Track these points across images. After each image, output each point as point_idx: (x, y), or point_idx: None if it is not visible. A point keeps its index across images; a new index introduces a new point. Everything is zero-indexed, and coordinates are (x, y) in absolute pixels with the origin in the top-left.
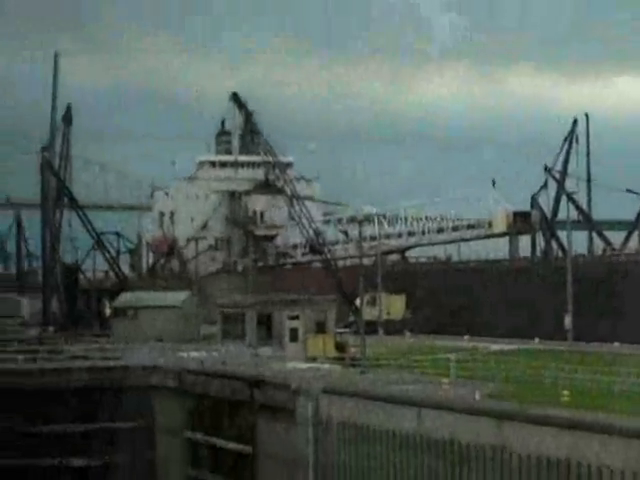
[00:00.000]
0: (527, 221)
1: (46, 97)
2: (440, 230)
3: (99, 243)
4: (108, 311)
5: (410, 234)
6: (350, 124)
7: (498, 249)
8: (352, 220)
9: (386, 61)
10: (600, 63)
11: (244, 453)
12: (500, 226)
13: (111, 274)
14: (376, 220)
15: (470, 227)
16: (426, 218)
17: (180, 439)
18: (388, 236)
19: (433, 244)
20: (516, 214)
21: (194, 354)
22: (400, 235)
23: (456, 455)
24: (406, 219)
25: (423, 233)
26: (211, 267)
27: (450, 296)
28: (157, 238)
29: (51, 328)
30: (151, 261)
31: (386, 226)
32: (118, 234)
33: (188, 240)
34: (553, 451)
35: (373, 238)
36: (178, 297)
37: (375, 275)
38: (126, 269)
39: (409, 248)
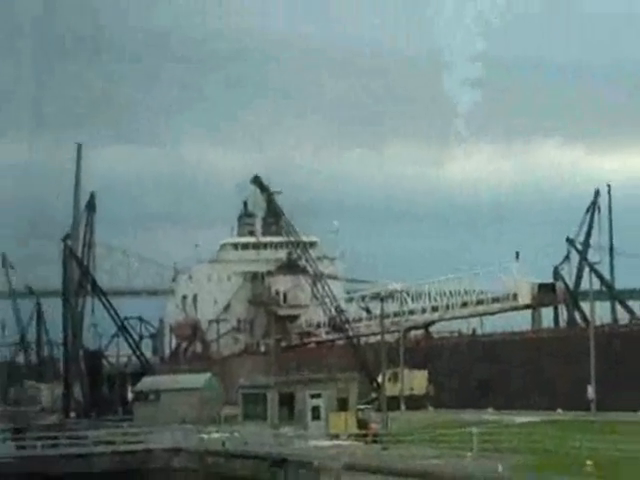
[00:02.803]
0: (552, 293)
1: (70, 186)
2: (464, 304)
3: (122, 329)
4: (130, 395)
5: (434, 309)
6: (376, 203)
7: (520, 322)
8: (376, 297)
9: (411, 141)
10: (627, 136)
11: None
12: (525, 298)
13: (134, 359)
14: (400, 296)
15: (495, 300)
16: (450, 292)
17: None
18: (412, 312)
19: (457, 318)
20: (541, 286)
21: (215, 435)
22: (424, 310)
23: None
24: (430, 294)
25: (447, 308)
26: (234, 348)
27: (474, 370)
28: (179, 322)
29: (73, 414)
30: (174, 344)
31: (410, 302)
32: (141, 319)
33: (210, 322)
34: None
35: (396, 314)
36: (199, 379)
37: (399, 351)
38: (149, 353)
39: (432, 323)
